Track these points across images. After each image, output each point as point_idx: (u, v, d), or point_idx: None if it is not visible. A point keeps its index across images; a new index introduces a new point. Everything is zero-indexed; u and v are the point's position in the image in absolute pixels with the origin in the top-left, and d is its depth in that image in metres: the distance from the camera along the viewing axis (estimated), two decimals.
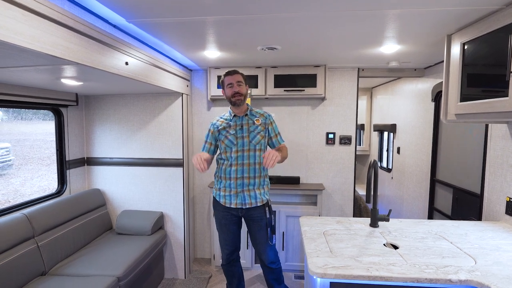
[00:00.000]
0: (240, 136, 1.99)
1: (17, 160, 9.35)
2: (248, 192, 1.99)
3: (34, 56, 1.16)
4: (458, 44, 1.64)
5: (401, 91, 3.50)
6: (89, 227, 2.47)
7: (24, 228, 1.91)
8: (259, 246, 2.10)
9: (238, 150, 1.98)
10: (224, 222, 2.08)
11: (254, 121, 2.03)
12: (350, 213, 3.07)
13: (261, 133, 2.02)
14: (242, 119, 2.03)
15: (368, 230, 1.71)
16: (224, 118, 2.09)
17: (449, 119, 1.74)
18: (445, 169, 2.62)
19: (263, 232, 2.05)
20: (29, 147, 11.48)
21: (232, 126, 2.02)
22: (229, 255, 2.15)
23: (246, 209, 2.02)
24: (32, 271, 1.89)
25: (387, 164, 4.02)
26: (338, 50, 2.25)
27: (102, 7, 1.42)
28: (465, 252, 1.41)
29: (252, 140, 1.99)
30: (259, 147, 2.01)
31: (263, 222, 2.03)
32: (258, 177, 2.01)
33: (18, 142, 12.31)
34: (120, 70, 1.63)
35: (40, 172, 8.86)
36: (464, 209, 2.28)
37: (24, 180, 7.94)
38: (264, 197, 2.03)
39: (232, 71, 2.01)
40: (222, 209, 2.06)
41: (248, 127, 2.01)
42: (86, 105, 2.77)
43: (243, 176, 1.98)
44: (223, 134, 2.02)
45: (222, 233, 2.12)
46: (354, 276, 1.21)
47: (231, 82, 1.97)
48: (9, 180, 7.85)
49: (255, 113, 2.08)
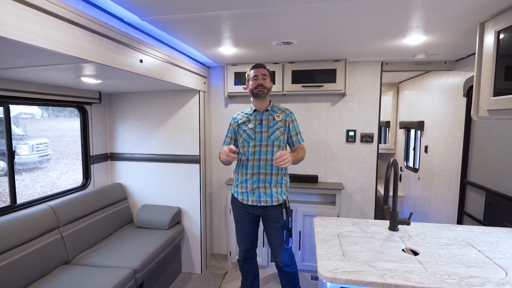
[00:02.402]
0: (258, 131, 1.97)
1: (54, 155, 10.03)
2: (264, 189, 1.95)
3: (49, 55, 1.21)
4: (492, 33, 1.48)
5: (430, 86, 3.28)
6: (111, 220, 2.57)
7: (49, 219, 2.02)
8: (274, 248, 2.06)
9: (255, 145, 1.95)
10: (241, 220, 2.07)
11: (274, 116, 2.00)
12: (371, 214, 2.93)
13: (281, 129, 1.98)
14: (263, 114, 2.00)
15: (387, 233, 1.61)
16: (245, 112, 2.08)
17: (481, 116, 1.59)
18: (478, 170, 2.41)
19: (278, 234, 2.00)
20: (65, 142, 12.29)
21: (251, 120, 2.00)
22: (245, 252, 2.16)
23: (262, 207, 1.98)
24: (56, 260, 2.00)
25: (414, 164, 3.79)
26: (358, 43, 2.14)
27: (116, 6, 1.44)
28: (494, 262, 1.28)
29: (271, 135, 1.96)
30: (278, 143, 1.96)
31: (279, 224, 1.98)
32: (275, 174, 1.96)
33: (56, 138, 13.20)
34: (135, 68, 1.66)
35: (74, 166, 9.45)
36: (498, 214, 2.08)
37: (60, 173, 8.51)
38: (281, 197, 1.97)
39: (259, 65, 2.01)
40: (239, 207, 2.05)
41: (267, 122, 1.98)
42: (109, 103, 2.88)
43: (259, 172, 1.95)
44: (242, 128, 2.01)
45: (239, 231, 2.12)
46: (366, 282, 1.14)
47: (256, 74, 1.97)
48: (47, 173, 8.45)
49: (276, 109, 2.05)
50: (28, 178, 7.21)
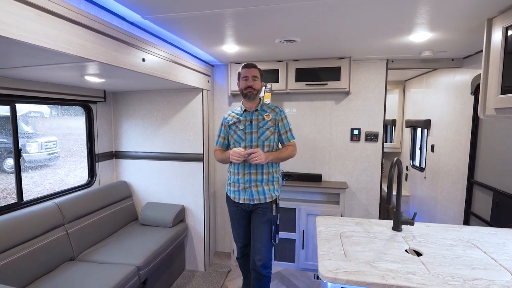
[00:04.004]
0: (248, 131, 1.98)
1: (62, 153, 10.19)
2: (256, 188, 1.97)
3: (52, 54, 1.22)
4: (500, 29, 1.44)
5: (436, 84, 3.22)
6: (115, 217, 2.60)
7: (55, 216, 2.05)
8: (256, 243, 2.00)
9: (246, 145, 1.97)
10: (235, 216, 2.10)
11: (264, 116, 1.99)
12: (375, 214, 2.90)
13: (271, 128, 1.98)
14: (252, 114, 2.00)
15: (390, 233, 1.59)
16: (235, 112, 2.08)
17: (488, 114, 1.55)
18: (485, 170, 2.36)
19: (263, 228, 1.97)
20: (73, 140, 12.47)
21: (242, 121, 2.01)
22: (242, 248, 2.17)
23: (254, 204, 1.99)
24: (62, 256, 2.03)
25: (420, 163, 3.74)
26: (363, 40, 2.11)
27: (118, 5, 1.45)
28: (500, 264, 1.25)
29: (261, 136, 1.97)
30: (268, 143, 1.98)
31: (266, 217, 1.98)
32: (266, 173, 1.98)
33: (64, 136, 13.39)
34: (137, 66, 1.67)
35: (82, 164, 9.59)
36: (506, 215, 2.03)
37: (68, 171, 8.64)
38: (274, 193, 2.00)
39: (250, 65, 2.00)
40: (232, 204, 2.08)
41: (257, 123, 1.98)
42: (113, 101, 2.91)
43: (250, 171, 1.96)
44: (232, 129, 2.03)
45: (234, 228, 2.15)
46: (367, 283, 1.13)
47: (246, 75, 1.96)
48: (56, 171, 8.59)
49: (266, 108, 2.04)
50: (37, 176, 7.33)
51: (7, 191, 6.21)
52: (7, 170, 6.63)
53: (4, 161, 6.59)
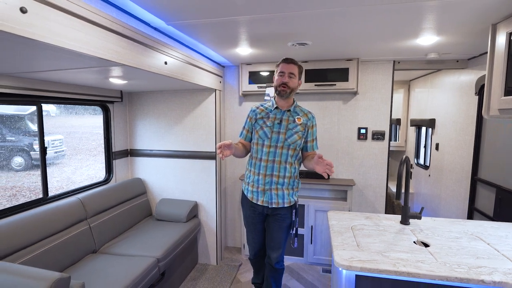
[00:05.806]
0: (276, 131, 1.84)
1: (68, 151, 10.34)
2: (276, 191, 1.86)
3: (89, 59, 1.32)
4: (504, 34, 1.53)
5: (441, 84, 3.30)
6: (132, 212, 2.71)
7: (78, 211, 2.16)
8: (273, 244, 1.97)
9: (270, 145, 1.84)
10: (252, 221, 2.00)
11: (295, 119, 1.87)
12: (382, 210, 3.00)
13: (299, 133, 1.85)
14: (283, 113, 1.86)
15: (398, 227, 1.69)
16: (264, 107, 1.94)
17: (492, 115, 1.64)
18: (489, 168, 2.45)
19: (283, 233, 1.94)
20: (78, 139, 12.61)
21: (270, 118, 1.87)
22: (256, 252, 2.11)
23: (272, 208, 1.90)
24: (85, 249, 2.15)
25: (425, 161, 3.83)
26: (371, 44, 2.20)
27: (145, 12, 1.55)
28: (503, 254, 1.35)
29: (288, 138, 1.83)
30: (294, 146, 1.84)
31: (285, 223, 1.92)
32: (288, 177, 1.86)
33: (70, 134, 13.53)
34: (160, 69, 1.77)
35: (88, 162, 9.73)
36: (508, 210, 2.12)
37: (74, 168, 8.78)
38: (292, 198, 1.90)
39: (290, 60, 1.84)
40: (248, 206, 1.96)
41: (287, 124, 1.85)
42: (129, 101, 3.01)
43: (272, 173, 1.85)
44: (259, 123, 1.89)
45: (249, 232, 2.06)
46: (380, 270, 1.23)
47: (283, 70, 1.82)
48: (62, 169, 8.73)
49: (299, 111, 1.91)
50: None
51: (16, 188, 6.34)
52: (15, 168, 6.76)
53: (12, 159, 6.71)
